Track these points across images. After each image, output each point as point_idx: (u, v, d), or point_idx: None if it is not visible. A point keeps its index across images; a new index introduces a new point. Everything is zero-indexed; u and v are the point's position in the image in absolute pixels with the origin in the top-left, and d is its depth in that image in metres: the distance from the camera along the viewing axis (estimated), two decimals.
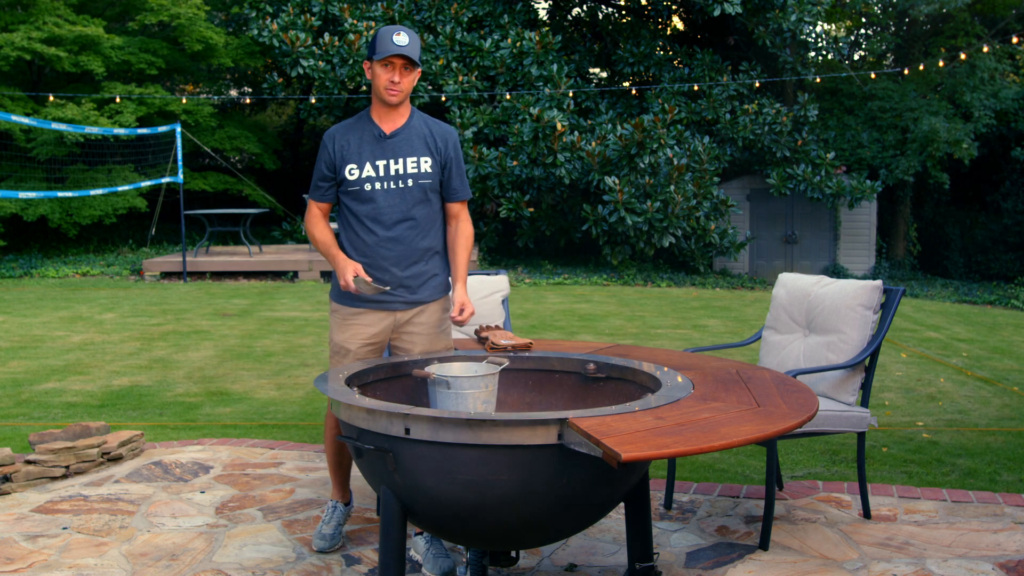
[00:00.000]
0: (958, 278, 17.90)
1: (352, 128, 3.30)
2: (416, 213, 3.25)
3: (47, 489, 4.10)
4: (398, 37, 3.15)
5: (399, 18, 15.47)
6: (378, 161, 3.23)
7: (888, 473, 4.37)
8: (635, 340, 8.21)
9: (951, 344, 8.46)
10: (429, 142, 3.27)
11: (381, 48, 3.15)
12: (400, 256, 3.25)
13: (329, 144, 3.28)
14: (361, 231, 3.26)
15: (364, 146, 3.25)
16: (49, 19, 14.85)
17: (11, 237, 15.74)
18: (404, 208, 3.24)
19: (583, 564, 3.28)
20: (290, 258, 13.76)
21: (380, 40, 3.17)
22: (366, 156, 3.24)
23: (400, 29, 3.19)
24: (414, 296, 3.30)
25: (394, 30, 3.18)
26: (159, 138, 14.98)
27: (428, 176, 3.25)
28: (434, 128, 3.31)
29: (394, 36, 3.15)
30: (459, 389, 2.83)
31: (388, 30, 3.19)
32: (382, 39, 3.16)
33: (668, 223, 13.72)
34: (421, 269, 3.30)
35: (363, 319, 3.31)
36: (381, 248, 3.24)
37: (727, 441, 2.25)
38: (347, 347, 3.31)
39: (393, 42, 3.14)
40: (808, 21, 14.61)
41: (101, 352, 7.59)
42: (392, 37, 3.15)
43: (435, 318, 3.36)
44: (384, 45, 3.15)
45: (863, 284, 3.76)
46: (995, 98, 16.65)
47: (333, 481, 3.56)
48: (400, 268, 3.26)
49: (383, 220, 3.23)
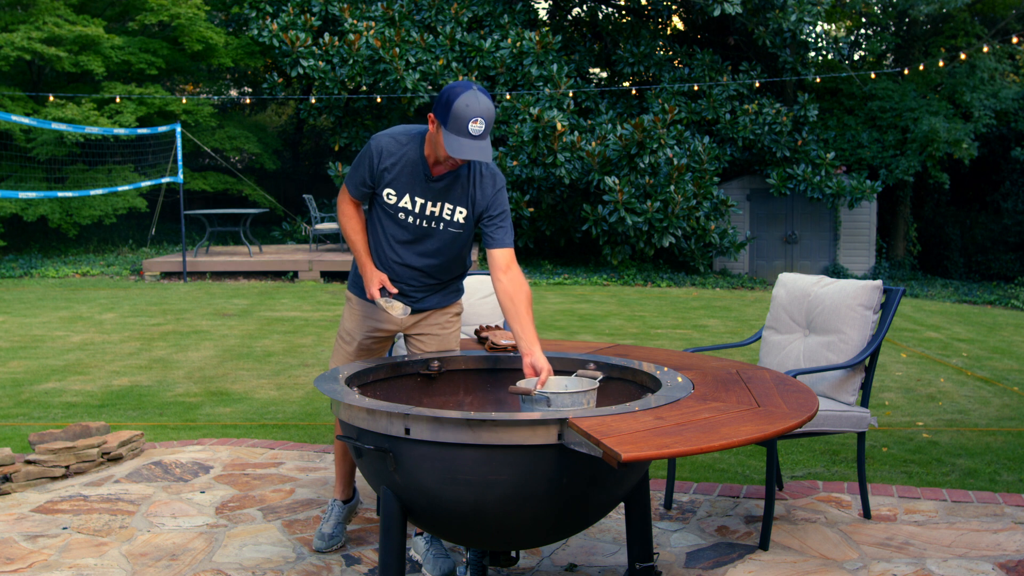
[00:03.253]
0: (958, 278, 17.90)
1: (403, 151, 3.09)
2: (442, 254, 3.23)
3: (47, 489, 4.10)
4: (475, 126, 2.81)
5: (399, 18, 15.47)
6: (417, 198, 3.13)
7: (888, 473, 4.37)
8: (635, 340, 8.21)
9: (951, 344, 8.46)
10: (472, 194, 3.13)
11: (453, 130, 2.83)
12: (414, 279, 3.27)
13: (376, 158, 3.10)
14: (385, 244, 3.23)
15: (407, 177, 3.10)
16: (49, 19, 14.86)
17: (11, 237, 15.75)
18: (431, 246, 3.20)
19: (583, 564, 3.28)
20: (290, 258, 13.76)
21: (454, 119, 2.82)
22: (407, 188, 3.12)
23: (479, 113, 2.81)
24: (420, 305, 3.32)
25: (474, 113, 2.81)
26: (159, 138, 14.99)
27: (460, 226, 3.17)
28: (483, 183, 3.13)
29: (471, 125, 2.81)
30: (560, 406, 2.71)
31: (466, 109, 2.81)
32: (457, 120, 2.81)
33: (668, 223, 13.72)
34: (431, 289, 3.32)
35: (374, 313, 3.35)
36: (400, 267, 3.23)
37: (727, 441, 2.24)
38: (354, 335, 3.37)
39: (469, 131, 2.82)
40: (808, 21, 14.61)
41: (101, 352, 7.59)
42: (469, 126, 2.81)
43: (444, 319, 3.38)
44: (458, 130, 2.83)
45: (863, 284, 3.76)
46: (995, 98, 16.65)
47: (337, 476, 3.55)
48: (411, 286, 3.27)
49: (410, 247, 3.20)
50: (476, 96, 2.82)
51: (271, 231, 19.08)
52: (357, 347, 3.38)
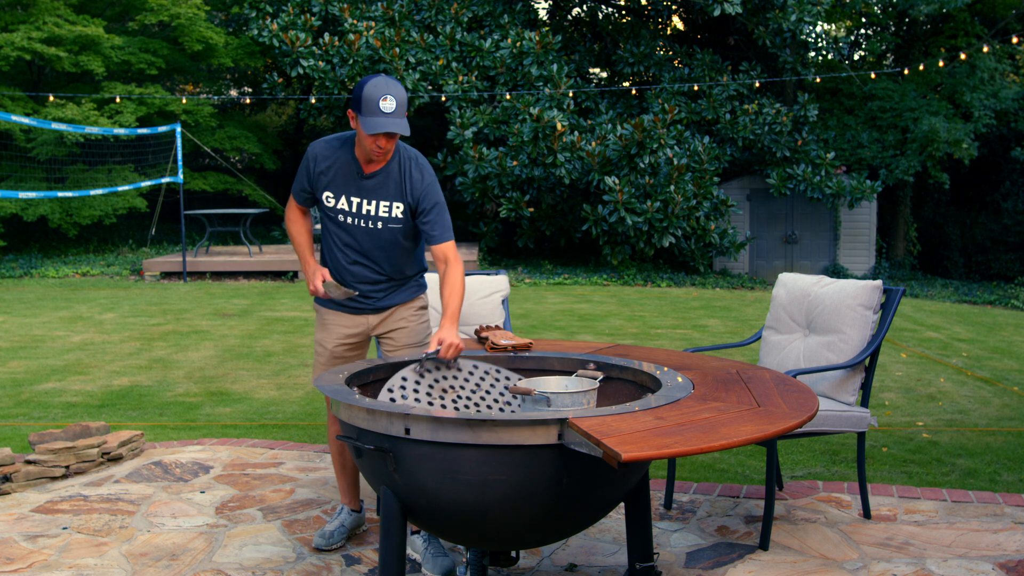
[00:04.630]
0: (958, 278, 17.90)
1: (336, 155, 3.21)
2: (387, 251, 3.29)
3: (47, 489, 4.10)
4: (385, 103, 2.96)
5: (399, 18, 15.48)
6: (352, 198, 3.22)
7: (888, 473, 4.37)
8: (635, 340, 8.21)
9: (951, 344, 8.46)
10: (404, 188, 3.20)
11: (367, 112, 2.97)
12: (366, 277, 3.33)
13: (311, 164, 3.23)
14: (335, 248, 3.33)
15: (342, 178, 3.21)
16: (49, 19, 14.85)
17: (11, 237, 15.75)
18: (374, 244, 3.27)
19: (583, 564, 3.28)
20: (290, 258, 13.76)
21: (366, 103, 2.97)
22: (342, 189, 3.22)
23: (388, 91, 2.96)
24: (382, 303, 3.38)
25: (382, 91, 2.96)
26: (159, 138, 14.99)
27: (399, 221, 3.23)
28: (412, 175, 3.20)
29: (381, 103, 2.96)
30: (560, 406, 2.74)
31: (375, 90, 2.97)
32: (368, 102, 2.97)
33: (668, 223, 13.72)
34: (387, 286, 3.37)
35: (339, 320, 3.40)
36: (351, 267, 3.32)
37: (727, 441, 2.24)
38: (324, 345, 3.42)
39: (380, 109, 2.96)
40: (808, 21, 14.60)
41: (101, 352, 7.59)
42: (380, 104, 2.96)
43: (409, 312, 3.42)
44: (371, 111, 2.97)
45: (863, 284, 3.76)
46: (995, 98, 16.65)
47: (340, 487, 3.56)
48: (365, 286, 3.34)
49: (355, 247, 3.29)
50: (384, 79, 3.00)
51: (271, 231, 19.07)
52: (330, 356, 3.41)
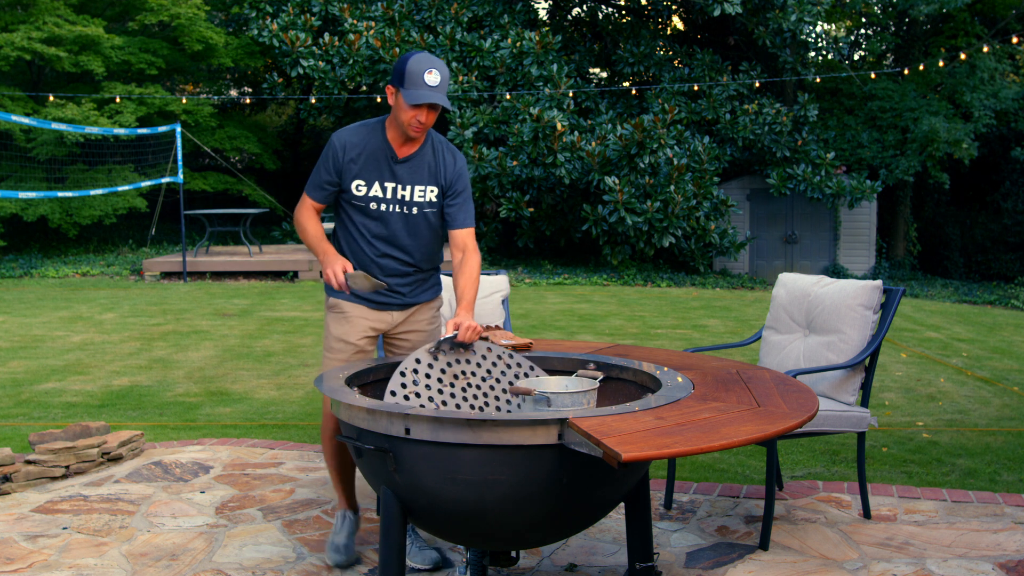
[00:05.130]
0: (958, 278, 17.90)
1: (366, 141, 3.14)
2: (419, 238, 3.23)
3: (47, 489, 4.10)
4: (430, 76, 2.94)
5: (399, 18, 15.47)
6: (387, 183, 3.14)
7: (888, 473, 4.37)
8: (635, 340, 8.21)
9: (951, 344, 8.46)
10: (439, 171, 3.18)
11: (410, 85, 2.95)
12: (396, 270, 3.25)
13: (340, 152, 3.13)
14: (362, 241, 3.22)
15: (374, 164, 3.13)
16: (49, 19, 14.85)
17: (11, 237, 15.74)
18: (408, 231, 3.20)
19: (583, 564, 3.28)
20: (290, 258, 13.76)
21: (410, 76, 2.95)
22: (375, 175, 3.14)
23: (432, 65, 2.95)
24: (406, 300, 3.31)
25: (426, 66, 2.95)
26: (159, 138, 14.99)
27: (433, 205, 3.20)
28: (444, 159, 3.19)
29: (426, 75, 2.94)
30: (560, 406, 2.72)
31: (419, 64, 2.95)
32: (412, 75, 2.94)
33: (668, 223, 13.72)
34: (415, 279, 3.32)
35: (363, 312, 3.28)
36: (380, 260, 3.23)
37: (727, 441, 2.24)
38: (347, 339, 3.26)
39: (425, 82, 2.94)
40: (808, 21, 14.61)
41: (101, 352, 7.59)
42: (424, 76, 2.94)
43: (429, 315, 3.39)
44: (415, 84, 2.94)
45: (863, 284, 3.76)
46: (995, 98, 16.65)
47: (338, 490, 3.41)
48: (394, 279, 3.26)
49: (386, 238, 3.20)
50: (427, 54, 2.99)
51: (271, 231, 19.07)
52: (354, 350, 3.27)
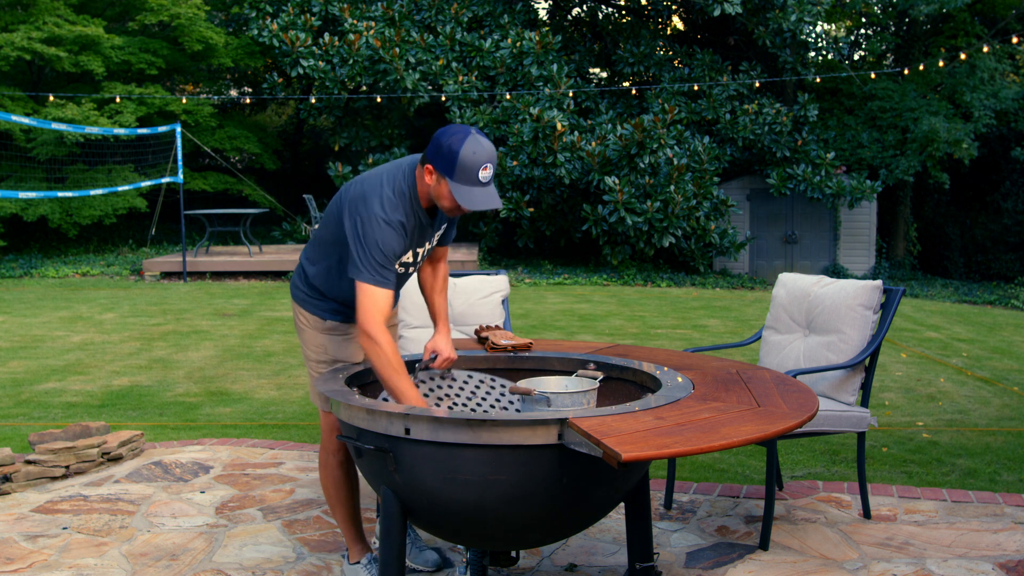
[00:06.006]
0: (958, 278, 17.90)
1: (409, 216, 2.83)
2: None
3: (47, 489, 4.10)
4: (484, 173, 2.66)
5: (399, 18, 15.46)
6: (418, 248, 2.95)
7: (888, 473, 4.37)
8: (635, 340, 8.21)
9: (951, 344, 8.46)
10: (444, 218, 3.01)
11: (462, 179, 2.65)
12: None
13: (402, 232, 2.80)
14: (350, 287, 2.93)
15: (413, 235, 2.89)
16: (49, 19, 14.86)
17: (11, 237, 15.75)
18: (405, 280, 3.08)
19: (583, 564, 3.28)
20: (290, 258, 13.76)
21: (463, 169, 2.64)
22: (413, 244, 2.90)
23: (488, 159, 2.66)
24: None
25: (482, 160, 2.65)
26: (159, 138, 14.99)
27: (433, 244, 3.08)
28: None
29: (481, 172, 2.65)
30: (560, 406, 2.71)
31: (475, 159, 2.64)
32: (466, 169, 2.64)
33: (668, 223, 13.72)
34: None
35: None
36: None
37: (727, 441, 2.24)
38: (352, 359, 3.13)
39: (479, 179, 2.65)
40: (808, 21, 14.61)
41: (101, 352, 7.59)
42: (479, 173, 2.65)
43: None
44: (468, 179, 2.65)
45: (863, 284, 3.76)
46: (995, 98, 16.65)
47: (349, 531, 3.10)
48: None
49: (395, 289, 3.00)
50: (479, 141, 2.66)
51: (271, 231, 19.07)
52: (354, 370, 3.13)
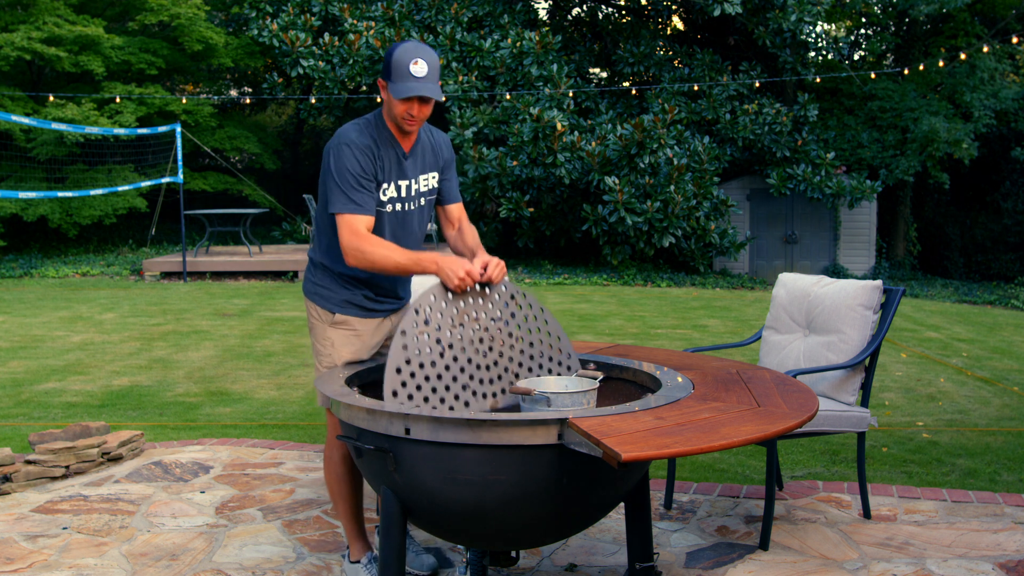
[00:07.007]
0: (958, 278, 17.90)
1: (376, 139, 2.93)
2: (420, 230, 3.15)
3: (47, 489, 4.10)
4: (416, 67, 2.79)
5: (399, 18, 15.47)
6: (400, 181, 3.01)
7: (888, 473, 4.37)
8: (635, 340, 8.21)
9: (951, 344, 8.46)
10: (437, 156, 3.11)
11: (397, 78, 2.80)
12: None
13: (369, 155, 2.90)
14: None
15: (389, 164, 2.97)
16: (49, 19, 14.86)
17: (11, 237, 15.75)
18: (414, 225, 3.10)
19: (583, 564, 3.28)
20: (290, 258, 13.76)
21: (396, 68, 2.80)
22: (391, 175, 2.98)
23: (418, 54, 2.79)
24: (403, 301, 3.24)
25: (411, 55, 2.79)
26: (159, 138, 14.99)
27: (432, 192, 3.13)
28: (436, 139, 3.12)
29: (411, 67, 2.78)
30: (560, 406, 2.69)
31: (405, 55, 2.80)
32: (398, 67, 2.80)
33: (668, 223, 13.72)
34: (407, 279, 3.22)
35: (371, 327, 3.13)
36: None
37: (727, 441, 2.24)
38: (359, 358, 3.11)
39: (411, 74, 2.79)
40: (808, 21, 14.60)
41: (101, 352, 7.59)
42: (410, 67, 2.78)
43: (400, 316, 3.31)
44: (401, 76, 2.80)
45: (863, 284, 3.76)
46: (995, 98, 16.65)
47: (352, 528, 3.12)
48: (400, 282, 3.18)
49: (396, 239, 3.02)
50: (414, 43, 2.85)
51: (271, 231, 19.08)
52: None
